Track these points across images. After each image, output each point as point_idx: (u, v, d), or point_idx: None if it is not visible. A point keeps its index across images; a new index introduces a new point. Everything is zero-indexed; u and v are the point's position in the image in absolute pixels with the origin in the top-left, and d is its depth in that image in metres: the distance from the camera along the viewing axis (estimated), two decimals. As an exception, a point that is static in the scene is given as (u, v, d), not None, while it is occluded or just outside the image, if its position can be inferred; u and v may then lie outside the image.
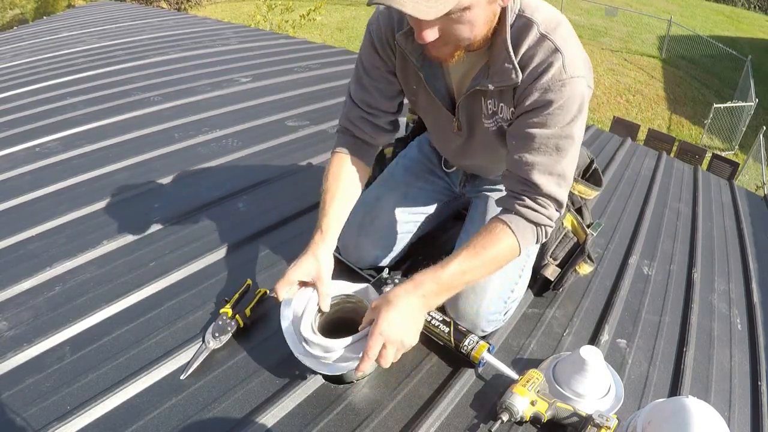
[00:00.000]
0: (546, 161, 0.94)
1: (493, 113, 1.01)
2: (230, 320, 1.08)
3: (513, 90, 0.94)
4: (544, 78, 0.89)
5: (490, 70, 0.93)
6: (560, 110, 0.90)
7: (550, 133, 0.92)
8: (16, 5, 11.60)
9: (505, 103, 0.98)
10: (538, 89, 0.90)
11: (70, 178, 1.65)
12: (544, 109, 0.91)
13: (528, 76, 0.90)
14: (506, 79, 0.92)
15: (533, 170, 0.94)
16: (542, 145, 0.93)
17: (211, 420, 0.91)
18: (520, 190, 0.97)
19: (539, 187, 0.95)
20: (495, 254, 0.95)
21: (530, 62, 0.90)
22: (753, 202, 2.34)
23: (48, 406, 0.91)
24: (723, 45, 10.96)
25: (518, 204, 0.97)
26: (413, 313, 0.92)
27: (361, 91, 1.10)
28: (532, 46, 0.89)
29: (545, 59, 0.88)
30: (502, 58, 0.90)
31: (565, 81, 0.89)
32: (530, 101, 0.91)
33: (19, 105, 2.26)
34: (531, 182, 0.95)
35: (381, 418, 0.95)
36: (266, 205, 1.57)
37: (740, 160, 6.72)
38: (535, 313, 1.26)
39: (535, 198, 0.96)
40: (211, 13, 11.97)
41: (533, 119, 0.92)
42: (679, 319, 1.35)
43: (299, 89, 2.62)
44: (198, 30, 3.91)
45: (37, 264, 1.25)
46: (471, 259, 0.94)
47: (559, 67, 0.88)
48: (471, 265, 0.94)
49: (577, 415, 0.93)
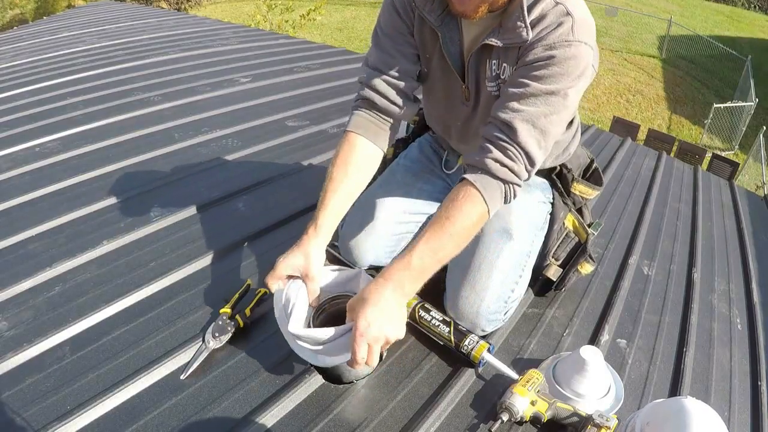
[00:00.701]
0: (531, 111, 0.91)
1: (496, 75, 1.01)
2: (230, 320, 1.08)
3: (518, 49, 0.95)
4: (550, 37, 0.90)
5: (501, 28, 0.94)
6: (559, 68, 0.89)
7: (544, 88, 0.90)
8: (16, 5, 11.59)
9: (508, 62, 0.98)
10: (542, 45, 0.91)
11: (70, 178, 1.65)
12: (544, 65, 0.90)
13: (535, 35, 0.91)
14: (515, 37, 0.92)
15: (516, 116, 0.91)
16: (533, 96, 0.91)
17: (211, 420, 0.91)
18: (493, 137, 0.93)
19: (516, 132, 0.91)
20: (462, 224, 0.91)
21: (540, 22, 0.91)
22: (753, 202, 2.34)
23: (48, 406, 0.91)
24: (723, 45, 10.96)
25: (487, 157, 0.92)
26: (391, 307, 0.87)
27: (382, 54, 1.06)
28: (545, 9, 0.91)
29: (555, 20, 0.90)
30: (515, 17, 0.92)
31: (571, 42, 0.89)
32: (531, 56, 0.91)
33: (19, 105, 2.26)
34: (509, 126, 0.92)
35: (381, 418, 0.95)
36: (266, 205, 1.57)
37: (740, 160, 6.72)
38: (535, 313, 1.26)
39: (506, 148, 0.92)
40: (211, 13, 11.97)
41: (532, 72, 0.91)
42: (679, 319, 1.35)
43: (299, 89, 2.62)
44: (198, 30, 3.91)
45: (37, 264, 1.25)
46: (438, 236, 0.90)
47: (568, 28, 0.89)
48: (440, 242, 0.90)
49: (577, 415, 0.93)
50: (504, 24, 0.94)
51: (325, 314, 1.04)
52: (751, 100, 8.42)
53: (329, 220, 1.01)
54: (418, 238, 0.91)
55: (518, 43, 0.93)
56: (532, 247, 1.20)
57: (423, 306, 1.11)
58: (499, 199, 0.95)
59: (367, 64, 1.10)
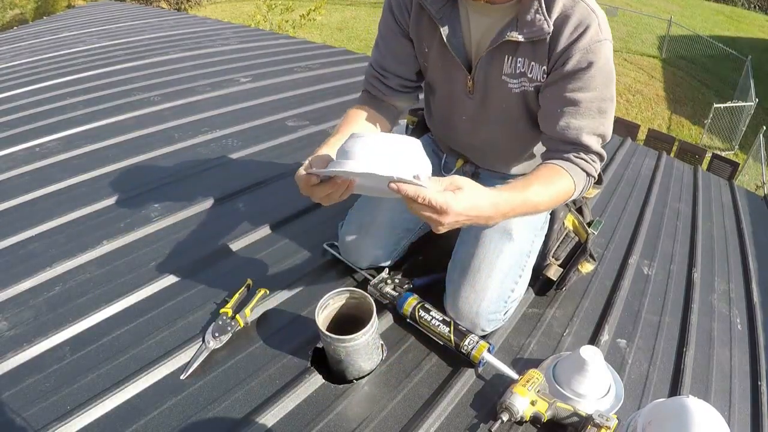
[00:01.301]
0: (592, 124, 0.98)
1: (520, 74, 1.01)
2: (230, 320, 1.08)
3: (547, 46, 0.95)
4: (584, 39, 0.91)
5: (518, 22, 0.94)
6: (600, 72, 0.94)
7: (593, 96, 0.96)
8: (16, 5, 11.59)
9: (537, 61, 0.98)
10: (579, 50, 0.92)
11: (70, 178, 1.65)
12: (585, 72, 0.94)
13: (567, 37, 0.92)
14: (537, 30, 0.93)
15: (582, 133, 0.98)
16: (587, 109, 0.97)
17: (211, 420, 0.91)
18: (571, 149, 1.01)
19: (589, 147, 1.00)
20: (558, 190, 0.97)
21: (567, 21, 0.91)
22: (753, 202, 2.34)
23: (48, 406, 0.91)
24: (723, 45, 10.96)
25: (574, 155, 1.00)
26: (480, 212, 0.84)
27: (377, 54, 1.15)
28: (566, 4, 0.91)
29: (583, 20, 0.91)
30: (534, 9, 0.92)
31: (603, 42, 0.92)
32: (572, 64, 0.93)
33: (19, 105, 2.26)
34: (581, 144, 0.99)
35: (381, 418, 0.95)
36: (266, 205, 1.57)
37: (740, 160, 6.72)
38: (535, 313, 1.26)
39: (585, 160, 1.01)
40: (211, 13, 11.97)
41: (576, 83, 0.95)
42: (679, 319, 1.35)
43: (299, 89, 2.62)
44: (198, 30, 3.91)
45: (37, 264, 1.25)
46: (544, 189, 0.95)
47: (596, 28, 0.91)
48: (541, 197, 0.94)
49: (577, 415, 0.93)
50: (521, 17, 0.94)
51: (330, 314, 1.04)
52: (751, 100, 8.42)
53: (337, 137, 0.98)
54: (525, 183, 0.94)
55: (540, 36, 0.94)
56: (532, 247, 1.20)
57: (423, 306, 1.11)
58: (582, 187, 1.03)
59: (370, 59, 1.19)
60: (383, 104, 1.17)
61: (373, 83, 1.16)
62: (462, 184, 0.83)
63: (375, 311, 0.98)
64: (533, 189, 0.93)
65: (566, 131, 0.99)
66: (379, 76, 1.15)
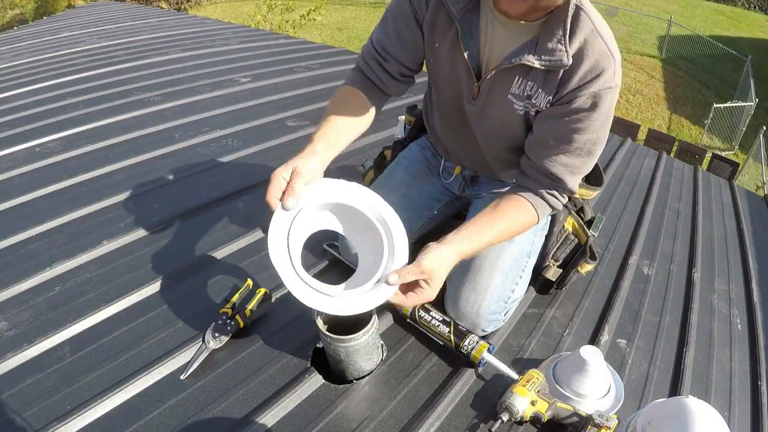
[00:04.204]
0: (578, 164, 1.00)
1: (527, 96, 0.99)
2: (230, 320, 1.08)
3: (558, 78, 0.94)
4: (596, 84, 0.91)
5: (537, 46, 0.92)
6: (601, 117, 0.94)
7: (587, 138, 0.96)
8: (16, 5, 11.60)
9: (546, 89, 0.96)
10: (588, 93, 0.91)
11: (70, 178, 1.65)
12: (589, 114, 0.93)
13: (580, 77, 0.91)
14: (556, 61, 0.91)
15: (566, 171, 1.00)
16: (578, 150, 0.98)
17: (211, 420, 0.91)
18: (547, 183, 1.03)
19: (566, 184, 1.02)
20: (522, 225, 1.03)
21: (583, 60, 0.90)
22: (753, 202, 2.34)
23: (48, 406, 0.91)
24: (723, 45, 10.96)
25: (546, 192, 1.03)
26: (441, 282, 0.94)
27: (381, 34, 1.08)
28: (587, 40, 0.90)
29: (600, 62, 0.90)
30: (556, 38, 0.90)
31: (613, 89, 0.92)
32: (578, 103, 0.93)
33: (20, 105, 2.26)
34: (560, 180, 1.02)
35: (381, 418, 0.95)
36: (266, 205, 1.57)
37: (740, 160, 6.73)
38: (535, 313, 1.26)
39: (556, 192, 1.04)
40: (211, 13, 11.97)
41: (576, 124, 0.95)
42: (679, 319, 1.35)
43: (299, 89, 2.62)
44: (198, 30, 3.91)
45: (37, 264, 1.25)
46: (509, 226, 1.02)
47: (611, 73, 0.91)
48: (504, 235, 1.02)
49: (577, 415, 0.93)
50: (541, 41, 0.92)
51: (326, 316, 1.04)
52: (751, 100, 8.42)
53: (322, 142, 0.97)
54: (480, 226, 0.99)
55: (559, 67, 0.92)
56: (532, 248, 1.20)
57: (423, 306, 1.11)
58: (544, 220, 1.09)
59: (371, 35, 1.12)
60: (374, 88, 1.12)
61: (371, 65, 1.09)
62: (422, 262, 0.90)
63: (375, 311, 0.97)
64: (498, 227, 1.00)
65: (552, 166, 1.00)
66: (379, 59, 1.08)
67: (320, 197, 0.92)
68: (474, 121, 1.12)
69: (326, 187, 0.93)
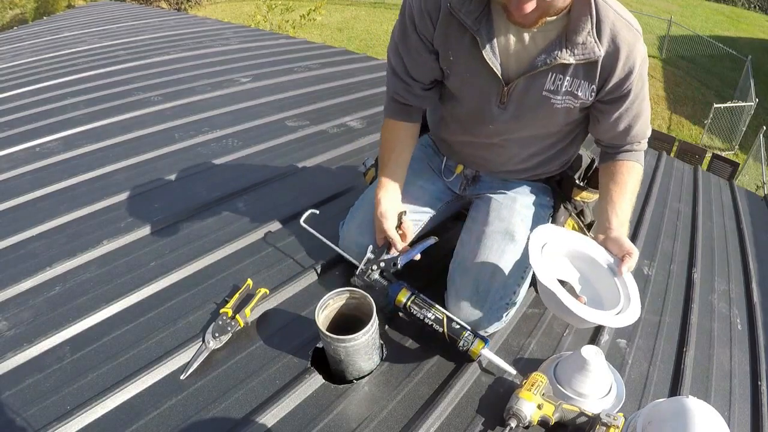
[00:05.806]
0: (645, 117, 1.11)
1: (566, 92, 1.02)
2: (230, 320, 1.08)
3: (598, 68, 0.97)
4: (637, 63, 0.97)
5: (567, 41, 0.94)
6: (641, 78, 1.02)
7: (642, 100, 1.06)
8: (16, 5, 11.60)
9: (588, 80, 0.99)
10: (635, 75, 0.99)
11: (70, 178, 1.65)
12: (637, 83, 1.01)
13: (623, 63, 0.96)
14: (589, 53, 0.95)
15: (640, 132, 1.12)
16: (641, 111, 1.08)
17: (211, 420, 0.91)
18: (633, 143, 1.14)
19: (646, 137, 1.15)
20: (639, 178, 1.15)
21: (620, 47, 0.95)
22: (753, 202, 2.34)
23: (48, 406, 0.91)
24: (723, 45, 10.96)
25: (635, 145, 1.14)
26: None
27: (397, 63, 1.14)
28: (615, 26, 0.94)
29: (634, 44, 0.96)
30: (585, 32, 0.93)
31: (646, 58, 1.00)
32: (629, 86, 1.00)
33: (20, 105, 2.26)
34: (637, 141, 1.14)
35: (381, 418, 0.95)
36: (266, 205, 1.57)
37: (740, 160, 6.72)
38: (535, 313, 1.26)
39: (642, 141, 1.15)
40: (211, 13, 11.97)
41: (635, 101, 1.04)
42: (679, 319, 1.35)
43: (299, 89, 2.62)
44: (198, 30, 3.91)
45: (37, 264, 1.25)
46: (635, 183, 1.13)
47: (642, 46, 0.98)
48: (635, 190, 1.13)
49: (584, 416, 0.92)
50: (570, 36, 0.94)
51: (329, 314, 1.04)
52: (751, 100, 8.41)
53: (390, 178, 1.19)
54: (619, 197, 1.10)
55: (592, 59, 0.95)
56: (533, 248, 1.20)
57: (415, 301, 1.08)
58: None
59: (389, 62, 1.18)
60: (412, 109, 1.21)
61: (400, 93, 1.17)
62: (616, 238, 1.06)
63: (375, 311, 0.98)
64: (631, 187, 1.12)
65: (633, 137, 1.12)
66: (405, 86, 1.15)
67: (565, 247, 1.11)
68: (502, 124, 1.11)
69: (571, 238, 1.12)
